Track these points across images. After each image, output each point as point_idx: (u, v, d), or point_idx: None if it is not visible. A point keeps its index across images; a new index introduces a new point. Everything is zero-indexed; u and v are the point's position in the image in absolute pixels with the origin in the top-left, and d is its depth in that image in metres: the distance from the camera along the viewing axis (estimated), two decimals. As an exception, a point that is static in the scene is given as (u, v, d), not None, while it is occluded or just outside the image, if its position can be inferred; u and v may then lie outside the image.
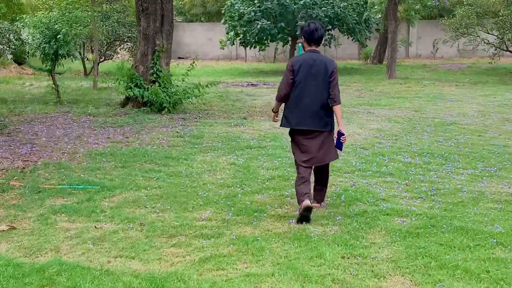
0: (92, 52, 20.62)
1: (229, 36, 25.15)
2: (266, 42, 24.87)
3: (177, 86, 13.15)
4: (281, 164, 7.70)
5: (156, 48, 12.67)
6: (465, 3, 25.13)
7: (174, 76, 13.38)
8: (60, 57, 13.75)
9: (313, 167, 5.68)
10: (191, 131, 10.26)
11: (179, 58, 33.98)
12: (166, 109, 12.22)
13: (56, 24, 13.34)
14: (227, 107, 13.37)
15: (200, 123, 11.16)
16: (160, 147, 8.91)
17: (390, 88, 17.64)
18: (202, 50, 34.85)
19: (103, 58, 22.77)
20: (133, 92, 12.30)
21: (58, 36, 13.18)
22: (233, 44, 26.04)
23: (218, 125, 10.93)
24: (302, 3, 22.73)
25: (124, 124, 10.95)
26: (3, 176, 7.16)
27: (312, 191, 5.79)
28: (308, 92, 5.46)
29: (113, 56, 23.14)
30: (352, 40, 25.68)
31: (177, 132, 10.18)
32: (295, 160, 5.70)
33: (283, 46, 27.22)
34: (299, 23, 11.52)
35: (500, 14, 22.09)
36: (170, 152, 8.47)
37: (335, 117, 5.59)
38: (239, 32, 24.34)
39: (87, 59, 22.40)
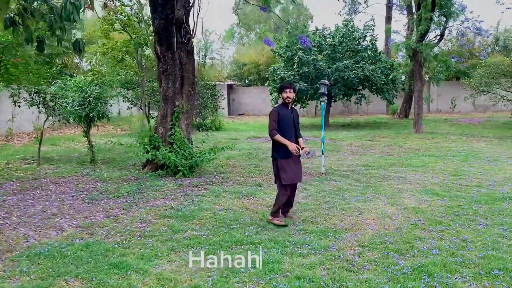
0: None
1: (273, 97, 21.30)
2: (305, 101, 20.81)
3: (197, 147, 9.32)
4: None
5: (175, 109, 8.91)
6: (483, 64, 20.36)
7: (226, 131, 9.55)
8: (94, 119, 10.24)
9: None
10: (188, 206, 6.27)
11: (239, 114, 31.25)
12: (180, 173, 8.35)
13: (89, 87, 9.93)
14: (249, 169, 9.29)
15: (208, 192, 7.16)
16: (127, 239, 4.94)
17: (419, 144, 13.04)
18: (257, 108, 31.44)
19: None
20: (145, 155, 8.52)
21: (88, 99, 9.75)
22: (277, 103, 22.10)
23: (225, 195, 6.90)
24: (335, 67, 18.64)
25: (123, 194, 7.11)
26: None
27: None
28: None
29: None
30: (380, 98, 21.13)
31: (171, 207, 6.23)
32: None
33: (320, 104, 23.06)
34: (321, 81, 7.48)
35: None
36: (128, 253, 4.48)
37: None
38: (281, 93, 20.46)
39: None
